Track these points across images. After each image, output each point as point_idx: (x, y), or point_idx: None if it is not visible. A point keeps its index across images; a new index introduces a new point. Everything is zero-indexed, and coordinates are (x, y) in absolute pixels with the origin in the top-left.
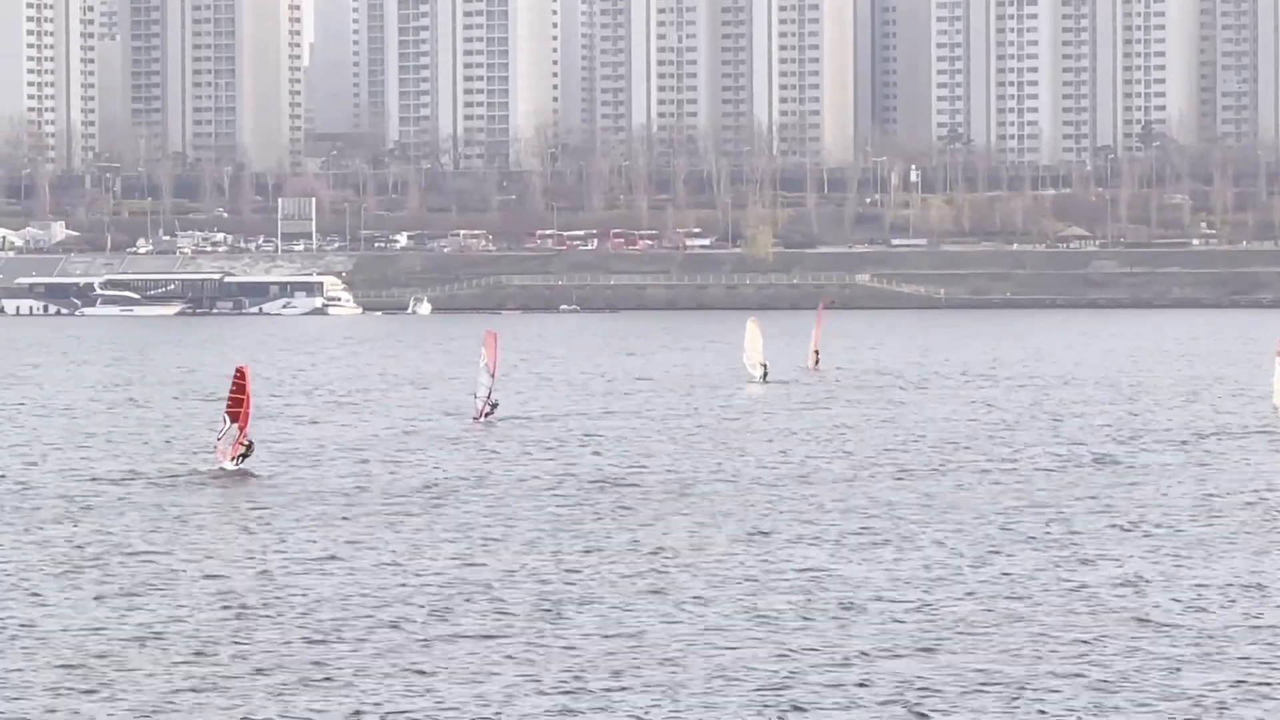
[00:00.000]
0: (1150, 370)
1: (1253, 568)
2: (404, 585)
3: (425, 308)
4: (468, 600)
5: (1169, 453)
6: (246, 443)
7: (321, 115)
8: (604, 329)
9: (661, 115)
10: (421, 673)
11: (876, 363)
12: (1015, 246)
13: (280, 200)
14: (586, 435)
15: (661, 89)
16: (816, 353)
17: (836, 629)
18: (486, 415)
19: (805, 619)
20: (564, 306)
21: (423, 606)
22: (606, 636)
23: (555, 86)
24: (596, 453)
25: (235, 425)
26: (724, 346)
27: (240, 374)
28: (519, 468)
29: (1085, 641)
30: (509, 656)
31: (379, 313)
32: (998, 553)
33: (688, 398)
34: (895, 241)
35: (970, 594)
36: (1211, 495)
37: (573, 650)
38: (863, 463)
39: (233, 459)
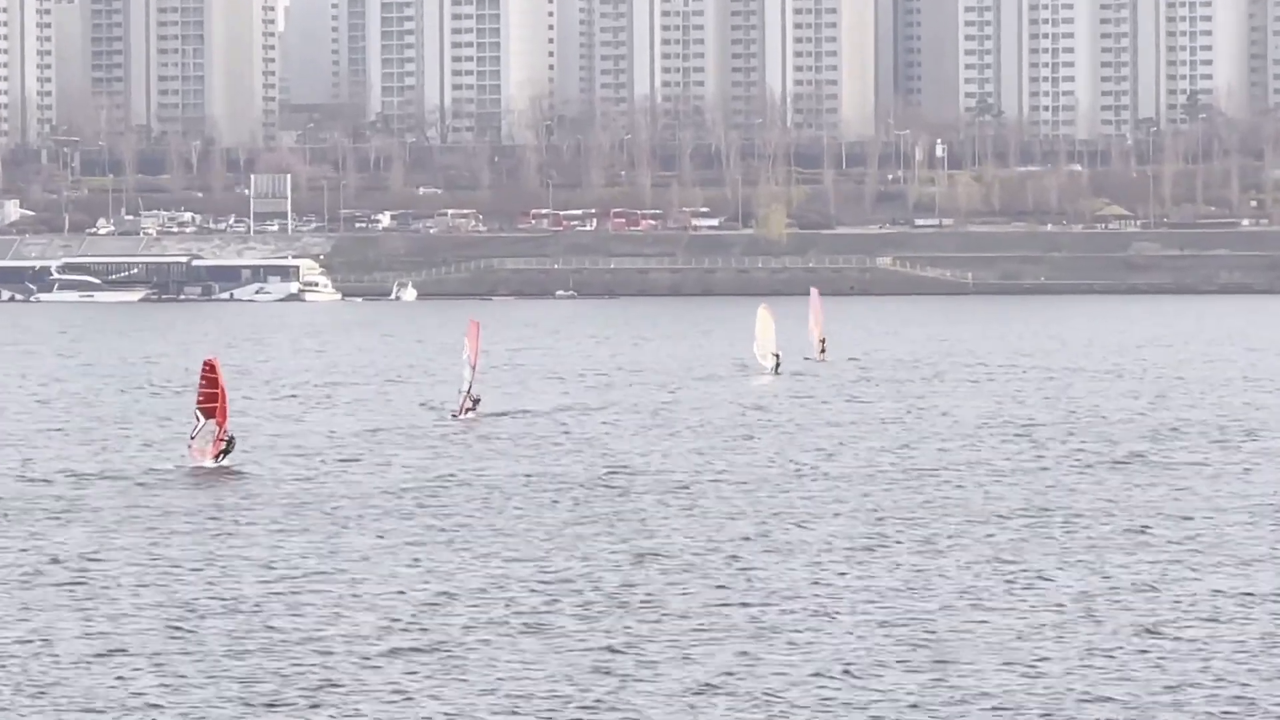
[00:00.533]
0: (1194, 361)
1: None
2: (360, 597)
3: (410, 294)
4: (438, 614)
5: (1207, 451)
6: (227, 438)
7: (297, 85)
8: (603, 316)
9: (666, 85)
10: (399, 691)
11: (896, 353)
12: (1049, 227)
13: (252, 177)
14: (576, 433)
15: (666, 56)
16: (823, 341)
17: (856, 643)
18: (468, 411)
19: (814, 632)
20: (560, 292)
21: (395, 620)
22: (604, 650)
23: (551, 54)
24: (581, 452)
25: (212, 421)
26: (732, 335)
27: (210, 366)
28: (495, 468)
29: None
30: (492, 671)
31: (359, 299)
32: (1006, 560)
33: (691, 391)
34: (919, 222)
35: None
36: (1251, 499)
37: (561, 667)
38: (867, 462)
39: (214, 456)
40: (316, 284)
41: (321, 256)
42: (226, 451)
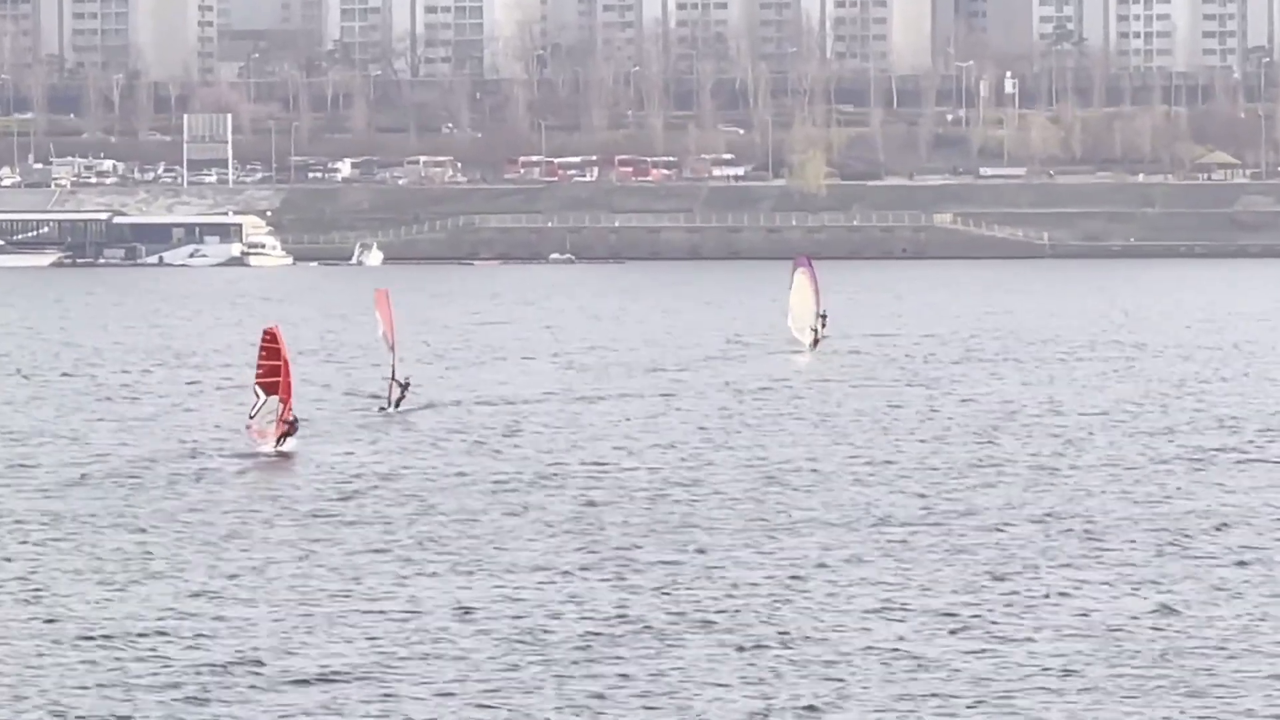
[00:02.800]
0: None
1: None
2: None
3: (375, 257)
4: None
5: None
6: (291, 419)
7: (240, 8)
8: (605, 284)
9: (681, 8)
10: None
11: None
12: (1141, 178)
13: (186, 118)
14: (534, 427)
15: None
16: (823, 317)
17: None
18: (398, 403)
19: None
20: (554, 255)
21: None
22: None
23: None
24: (545, 447)
25: (274, 398)
26: (761, 306)
27: (270, 336)
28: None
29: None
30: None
31: (314, 263)
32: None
33: (709, 373)
34: (985, 171)
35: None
36: None
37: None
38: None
39: (276, 439)
40: (263, 246)
41: (269, 213)
42: (289, 434)
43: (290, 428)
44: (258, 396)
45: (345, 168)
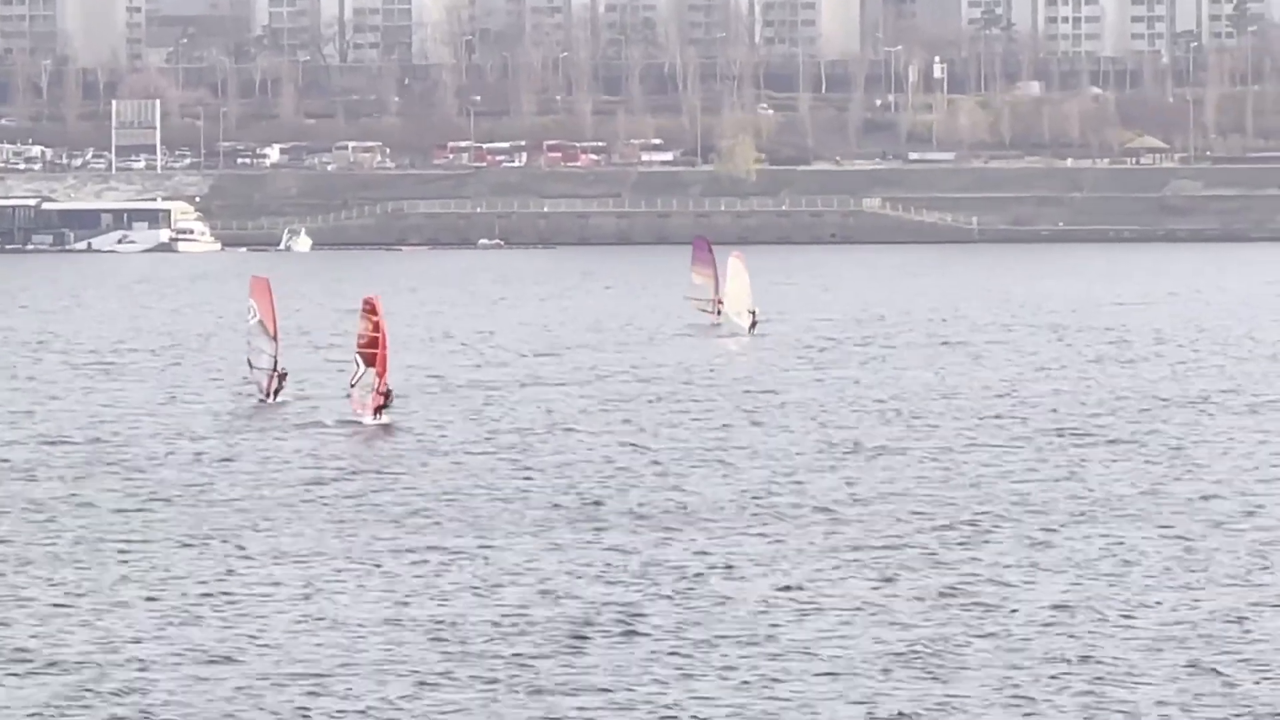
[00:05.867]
0: (1245, 322)
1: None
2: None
3: (303, 243)
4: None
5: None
6: (386, 391)
7: None
8: (533, 269)
9: None
10: None
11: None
12: (1070, 163)
13: (115, 104)
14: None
15: None
16: (719, 301)
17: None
18: (277, 392)
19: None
20: (483, 241)
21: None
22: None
23: None
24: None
25: (371, 371)
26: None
27: (370, 306)
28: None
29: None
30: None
31: (243, 249)
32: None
33: (636, 355)
34: (914, 156)
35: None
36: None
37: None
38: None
39: (374, 411)
40: (191, 231)
41: (197, 199)
42: (386, 406)
43: (386, 398)
44: (358, 366)
45: (274, 153)
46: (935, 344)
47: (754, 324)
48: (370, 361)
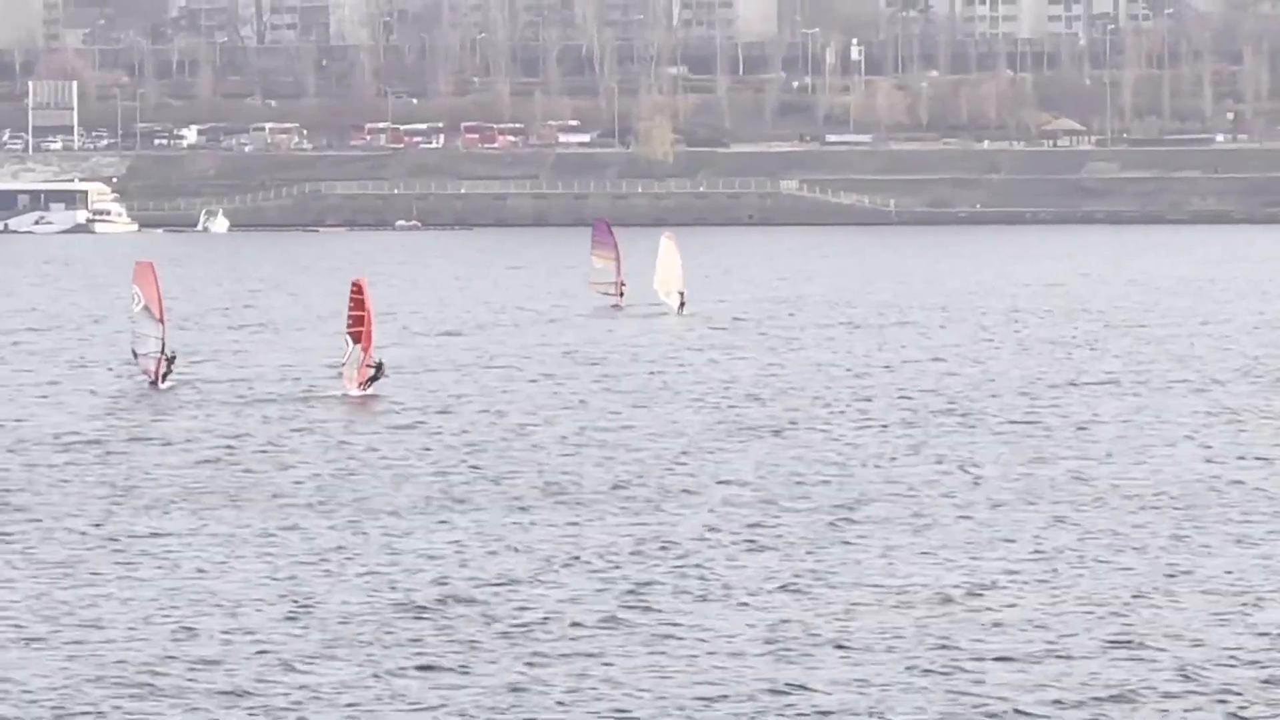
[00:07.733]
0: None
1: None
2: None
3: (220, 224)
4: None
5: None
6: (374, 363)
7: None
8: (451, 250)
9: None
10: None
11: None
12: (987, 145)
13: (30, 84)
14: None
15: None
16: (622, 284)
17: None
18: (165, 375)
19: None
20: (401, 223)
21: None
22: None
23: None
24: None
25: (358, 347)
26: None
27: (358, 288)
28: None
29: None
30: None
31: (160, 230)
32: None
33: (556, 333)
34: (831, 138)
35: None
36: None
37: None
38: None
39: (361, 385)
40: (108, 212)
41: (115, 180)
42: (375, 379)
43: (377, 370)
44: (347, 345)
45: (191, 134)
46: (840, 325)
47: (683, 304)
48: (357, 339)
